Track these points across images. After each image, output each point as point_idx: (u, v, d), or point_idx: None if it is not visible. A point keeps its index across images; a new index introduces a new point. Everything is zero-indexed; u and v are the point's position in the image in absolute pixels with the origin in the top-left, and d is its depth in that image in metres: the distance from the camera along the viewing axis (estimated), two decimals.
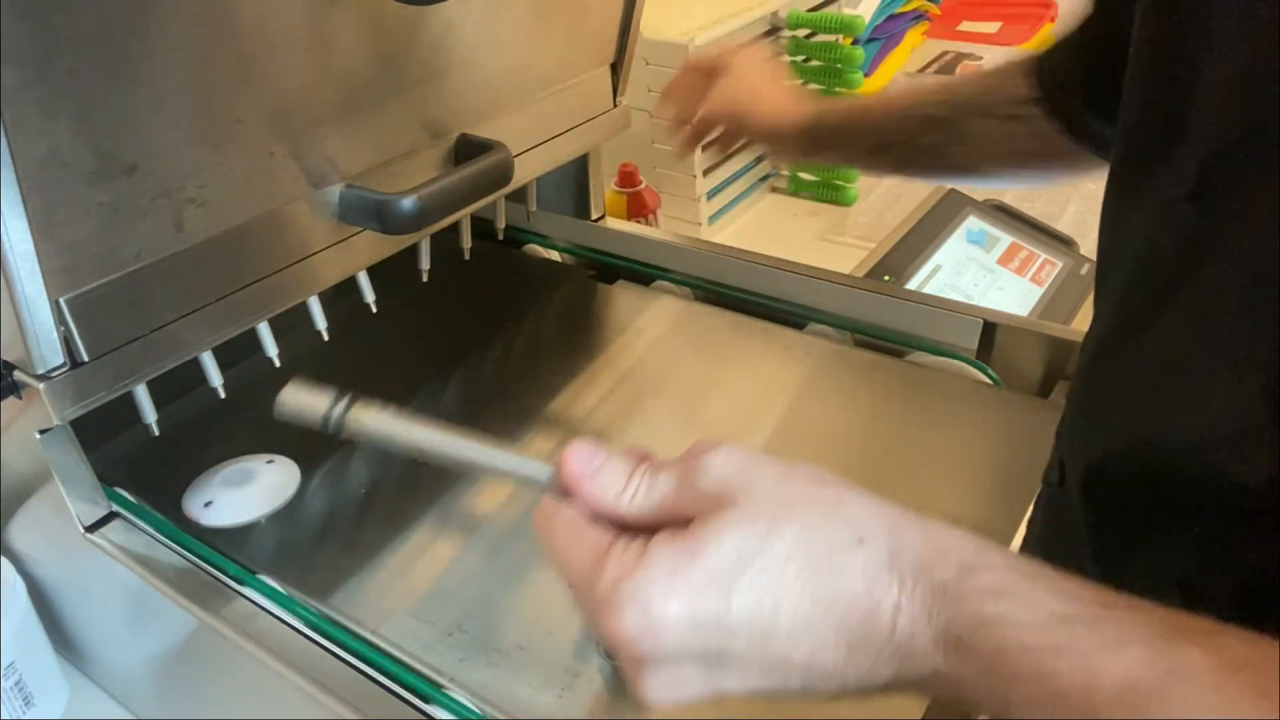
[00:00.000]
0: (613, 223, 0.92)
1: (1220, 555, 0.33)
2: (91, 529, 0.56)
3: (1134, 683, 0.25)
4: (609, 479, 0.32)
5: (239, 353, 0.60)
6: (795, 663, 0.29)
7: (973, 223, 1.07)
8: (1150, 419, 0.38)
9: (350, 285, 0.66)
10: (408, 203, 0.59)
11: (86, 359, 0.50)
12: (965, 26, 1.76)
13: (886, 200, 1.18)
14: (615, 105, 0.83)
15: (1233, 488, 0.33)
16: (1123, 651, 0.26)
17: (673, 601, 0.28)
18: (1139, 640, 0.26)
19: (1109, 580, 0.28)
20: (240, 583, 0.54)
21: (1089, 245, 1.09)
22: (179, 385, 0.60)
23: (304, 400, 0.36)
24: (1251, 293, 0.32)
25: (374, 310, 0.68)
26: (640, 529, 0.31)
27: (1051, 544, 0.49)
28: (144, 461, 0.65)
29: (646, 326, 0.81)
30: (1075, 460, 0.43)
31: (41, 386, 0.49)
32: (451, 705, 0.48)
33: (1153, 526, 0.37)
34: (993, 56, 1.53)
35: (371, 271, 0.66)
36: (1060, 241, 1.09)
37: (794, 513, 0.29)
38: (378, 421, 0.36)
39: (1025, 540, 0.54)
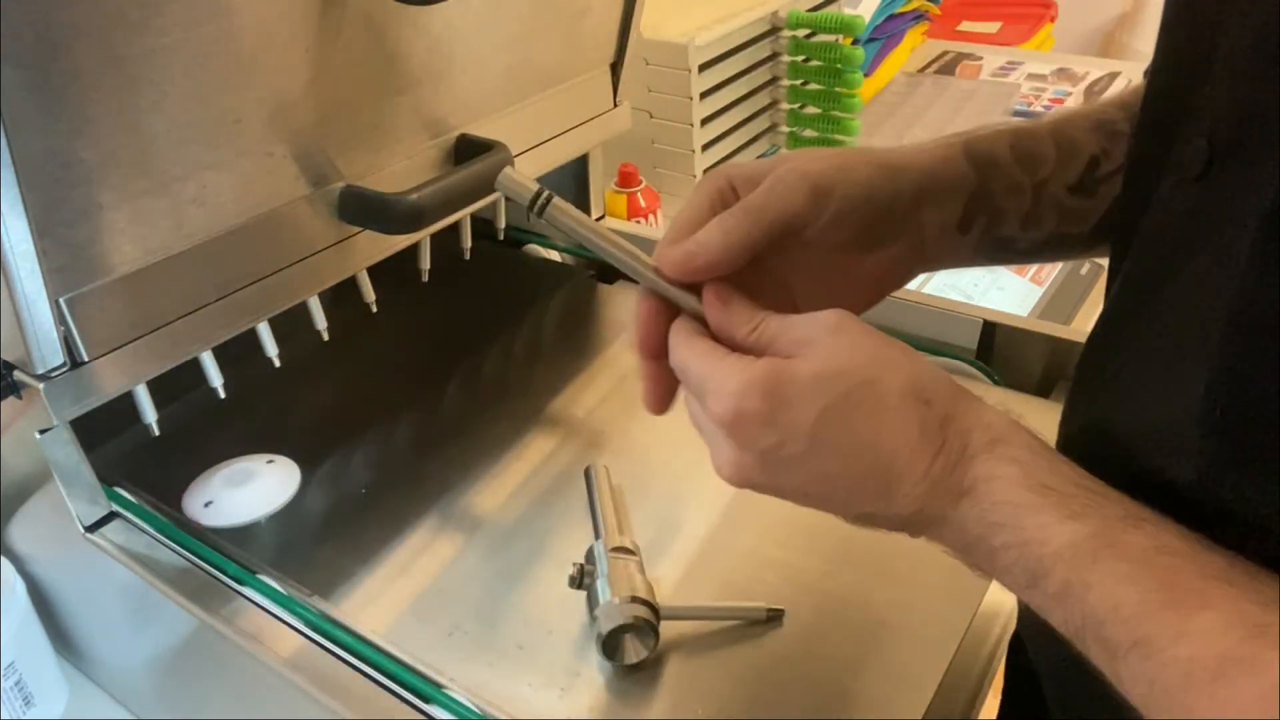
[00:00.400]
0: (613, 223, 0.92)
1: None
2: (91, 529, 0.56)
3: (1075, 546, 0.31)
4: (739, 314, 0.38)
5: (239, 353, 0.60)
6: (841, 484, 0.35)
7: None
8: (1101, 408, 0.39)
9: (350, 285, 0.66)
10: (408, 203, 0.59)
11: (86, 359, 0.50)
12: (965, 26, 1.76)
13: None
14: (615, 105, 0.83)
15: (1164, 486, 0.33)
16: (1077, 522, 0.31)
17: (762, 405, 0.34)
18: (1095, 518, 0.31)
19: None
20: (240, 583, 0.54)
21: None
22: (179, 385, 0.60)
23: (520, 181, 0.41)
24: (1219, 287, 0.31)
25: (374, 310, 0.68)
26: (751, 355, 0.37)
27: None
28: (144, 461, 0.65)
29: None
30: (1058, 436, 0.44)
31: (41, 386, 0.49)
32: (451, 705, 0.48)
33: None
34: (993, 56, 1.53)
35: (371, 271, 0.66)
36: None
37: (876, 369, 0.35)
38: (571, 213, 0.41)
39: None
